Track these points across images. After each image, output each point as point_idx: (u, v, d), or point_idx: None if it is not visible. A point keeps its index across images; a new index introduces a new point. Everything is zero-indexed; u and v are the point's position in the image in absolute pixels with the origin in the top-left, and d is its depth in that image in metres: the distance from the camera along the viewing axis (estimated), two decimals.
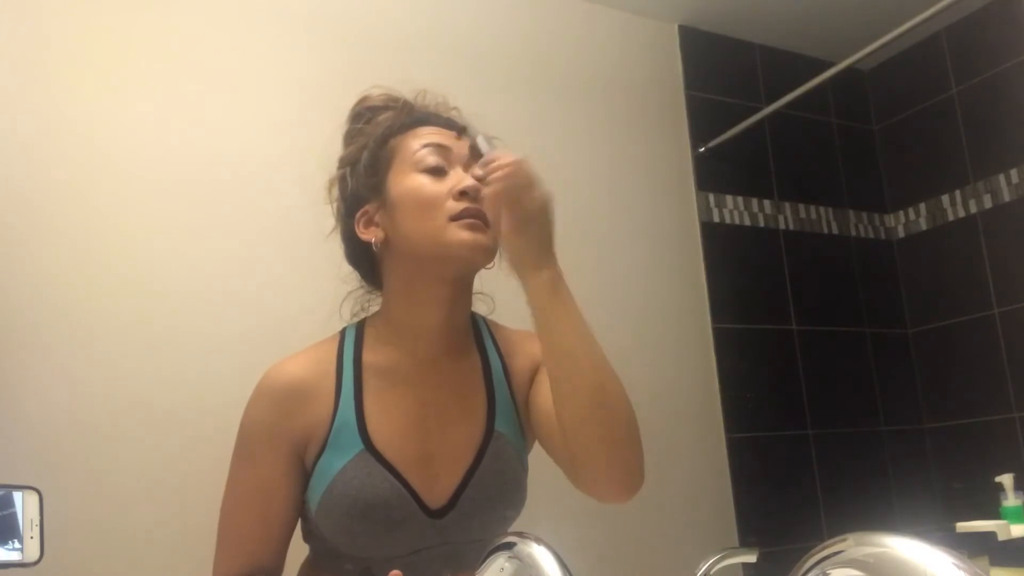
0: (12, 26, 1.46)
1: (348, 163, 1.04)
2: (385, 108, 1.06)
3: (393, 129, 1.02)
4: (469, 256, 0.94)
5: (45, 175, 1.44)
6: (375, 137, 1.02)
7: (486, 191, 0.91)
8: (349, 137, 1.07)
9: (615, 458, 0.89)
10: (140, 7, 1.58)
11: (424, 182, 0.96)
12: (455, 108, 1.08)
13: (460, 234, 0.93)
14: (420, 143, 0.99)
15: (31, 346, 1.38)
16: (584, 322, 0.90)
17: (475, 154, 0.98)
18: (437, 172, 0.97)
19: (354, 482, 0.92)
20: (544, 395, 0.97)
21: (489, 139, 0.99)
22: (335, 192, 1.06)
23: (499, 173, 0.89)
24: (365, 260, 1.05)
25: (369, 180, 1.00)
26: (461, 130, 1.03)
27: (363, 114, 1.07)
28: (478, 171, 0.94)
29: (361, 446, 0.93)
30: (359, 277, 1.08)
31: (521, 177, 0.89)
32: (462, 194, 0.95)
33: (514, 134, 1.06)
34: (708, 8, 2.22)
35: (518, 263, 0.91)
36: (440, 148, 0.99)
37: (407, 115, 1.04)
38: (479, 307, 1.08)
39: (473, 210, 0.94)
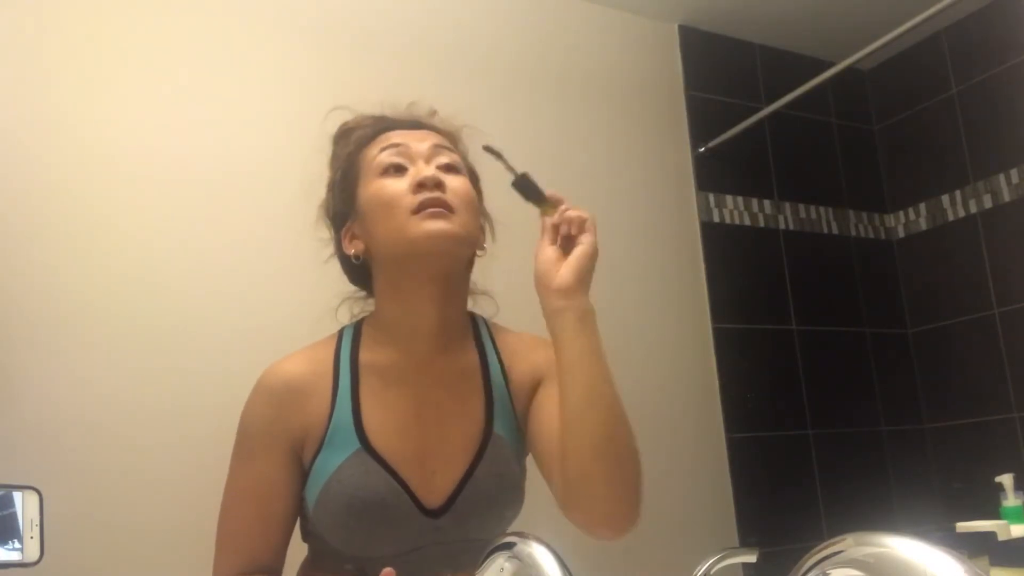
0: (11, 25, 1.46)
1: (329, 186, 1.06)
2: (358, 128, 1.07)
3: (360, 143, 1.03)
4: (436, 246, 0.93)
5: (45, 175, 1.44)
6: (344, 156, 1.04)
7: (581, 240, 0.90)
8: (331, 162, 1.09)
9: (615, 495, 0.88)
10: (139, 8, 1.58)
11: (384, 183, 0.97)
12: (436, 113, 1.09)
13: (422, 226, 0.92)
14: (379, 148, 1.00)
15: (31, 346, 1.38)
16: (605, 361, 0.89)
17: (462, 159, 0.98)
18: (398, 171, 0.97)
19: (351, 480, 0.92)
20: (548, 415, 0.95)
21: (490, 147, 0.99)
22: (326, 218, 1.08)
23: (588, 225, 0.90)
24: (361, 275, 1.06)
25: (343, 196, 1.02)
26: (426, 126, 1.03)
27: (343, 137, 1.08)
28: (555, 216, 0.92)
29: (358, 444, 0.94)
30: (364, 294, 1.08)
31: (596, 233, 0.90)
32: (420, 186, 0.94)
33: (514, 134, 1.06)
34: (708, 8, 2.22)
35: (560, 293, 0.89)
36: (398, 147, 0.99)
37: (372, 128, 1.05)
38: (484, 308, 1.08)
39: (432, 200, 0.93)
